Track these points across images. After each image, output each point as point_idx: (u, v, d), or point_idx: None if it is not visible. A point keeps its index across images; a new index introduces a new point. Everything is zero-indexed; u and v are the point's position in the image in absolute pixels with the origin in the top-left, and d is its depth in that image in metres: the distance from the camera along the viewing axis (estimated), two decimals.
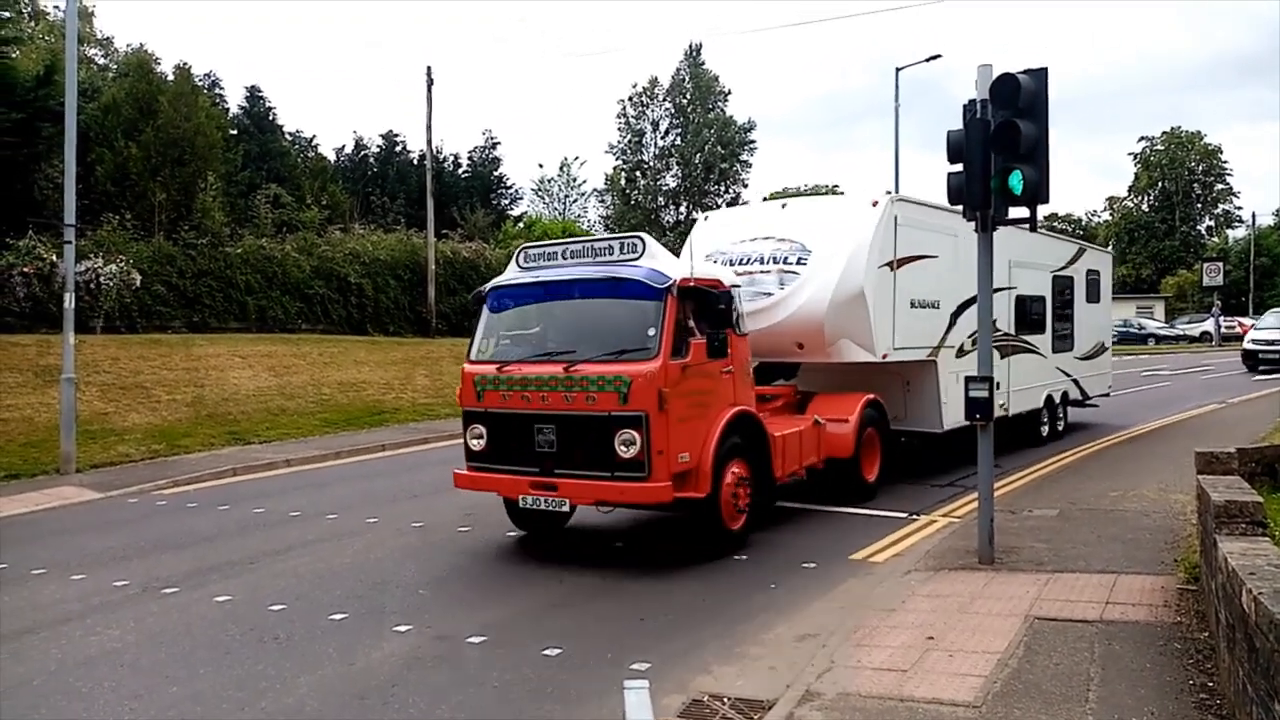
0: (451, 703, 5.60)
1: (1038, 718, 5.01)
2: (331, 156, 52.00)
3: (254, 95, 45.32)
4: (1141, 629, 6.31)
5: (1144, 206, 73.61)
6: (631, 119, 61.60)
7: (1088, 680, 5.48)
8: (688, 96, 60.47)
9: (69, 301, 14.29)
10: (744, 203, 58.06)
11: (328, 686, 5.88)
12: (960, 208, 8.15)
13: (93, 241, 21.70)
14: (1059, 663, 5.76)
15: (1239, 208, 73.37)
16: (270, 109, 45.82)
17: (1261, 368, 29.39)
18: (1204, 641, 5.94)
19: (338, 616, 7.19)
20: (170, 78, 30.03)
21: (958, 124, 7.97)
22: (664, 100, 61.24)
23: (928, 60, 34.80)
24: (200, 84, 36.12)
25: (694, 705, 5.52)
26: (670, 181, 61.03)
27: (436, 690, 5.79)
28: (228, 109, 42.54)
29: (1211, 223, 74.24)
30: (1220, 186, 73.18)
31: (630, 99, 61.56)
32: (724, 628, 6.86)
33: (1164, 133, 72.87)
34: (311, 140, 51.52)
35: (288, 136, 47.71)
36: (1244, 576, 4.25)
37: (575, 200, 66.36)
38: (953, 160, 8.05)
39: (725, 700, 5.58)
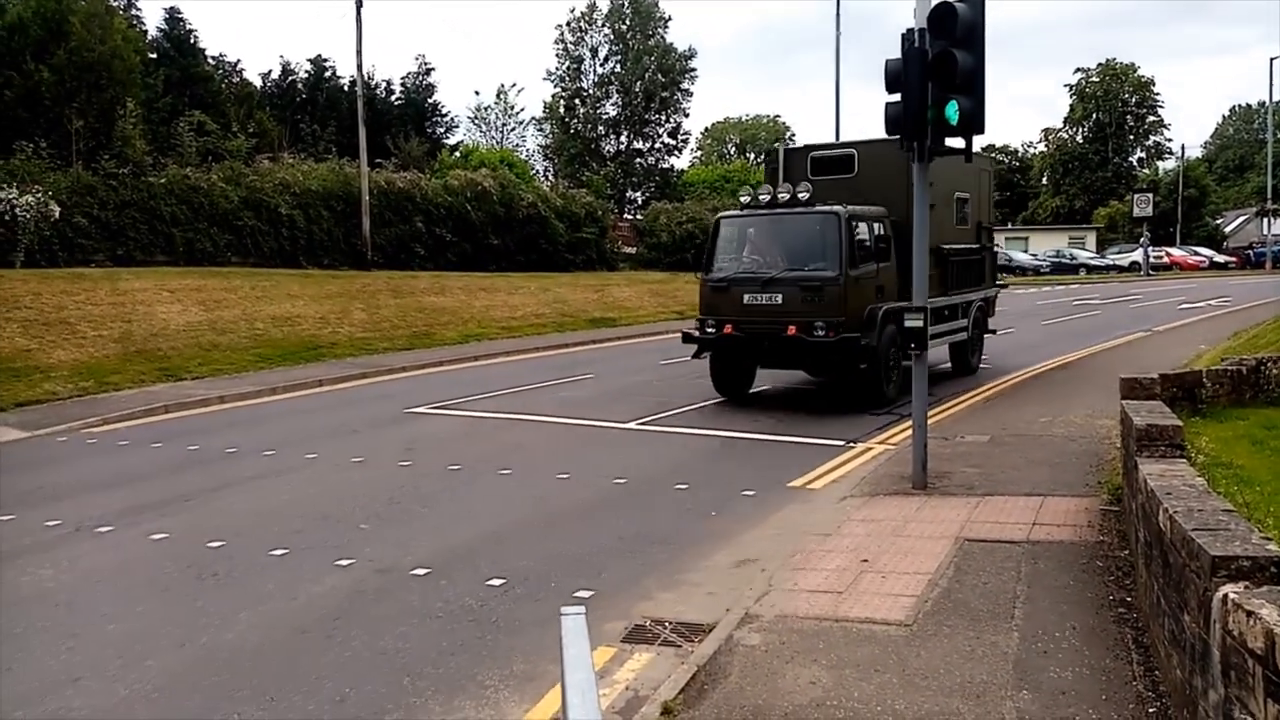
0: (395, 634, 5.64)
1: (966, 634, 5.21)
2: (257, 82, 50.10)
3: (173, 17, 43.26)
4: (1066, 548, 6.58)
5: (1078, 138, 74.51)
6: (570, 45, 60.11)
7: (1014, 598, 5.71)
8: (627, 22, 59.10)
9: None
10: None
11: (269, 621, 5.87)
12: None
13: (4, 170, 20.69)
14: (987, 582, 5.99)
15: (1169, 139, 74.89)
16: (191, 31, 43.84)
17: None
18: (1124, 559, 6.21)
19: (278, 552, 7.14)
20: None
21: (898, 55, 7.94)
22: (603, 26, 59.77)
23: None
24: (115, 4, 34.37)
25: (636, 630, 5.63)
26: (610, 110, 59.89)
27: (379, 622, 5.81)
28: (146, 31, 40.62)
29: (1143, 154, 75.57)
30: (1152, 119, 74.31)
31: (568, 24, 59.94)
32: (665, 555, 6.97)
33: (1099, 64, 73.61)
34: (236, 65, 49.52)
35: (210, 61, 45.76)
36: (1161, 496, 4.43)
37: (513, 129, 64.90)
38: (891, 90, 8.04)
39: (667, 624, 5.70)
